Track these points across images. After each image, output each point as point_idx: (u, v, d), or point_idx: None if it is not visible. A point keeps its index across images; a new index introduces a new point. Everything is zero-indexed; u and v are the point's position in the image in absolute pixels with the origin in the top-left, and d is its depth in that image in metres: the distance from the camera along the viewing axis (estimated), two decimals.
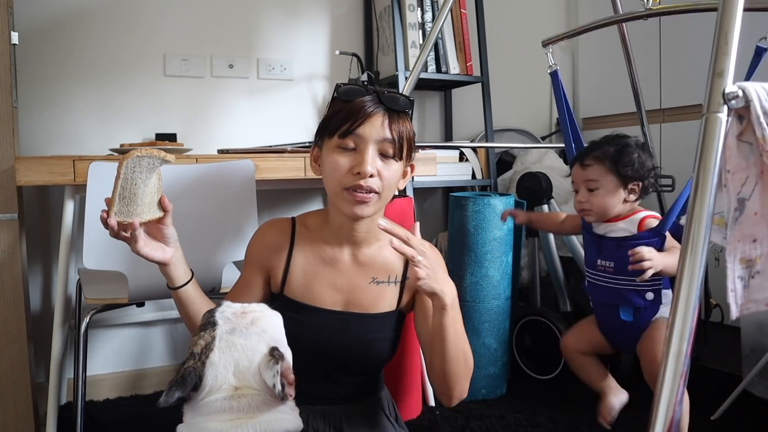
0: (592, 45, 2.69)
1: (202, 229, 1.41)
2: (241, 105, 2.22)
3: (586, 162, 1.47)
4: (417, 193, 2.42)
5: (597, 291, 1.51)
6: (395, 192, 1.10)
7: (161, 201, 1.02)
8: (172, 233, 1.05)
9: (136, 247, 1.00)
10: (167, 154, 0.97)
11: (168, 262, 1.04)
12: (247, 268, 1.17)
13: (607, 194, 1.45)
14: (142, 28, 2.08)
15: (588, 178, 1.46)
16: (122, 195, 0.96)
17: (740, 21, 0.85)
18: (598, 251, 1.49)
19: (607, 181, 1.45)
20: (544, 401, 1.88)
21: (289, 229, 1.16)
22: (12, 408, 1.48)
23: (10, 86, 1.45)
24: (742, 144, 0.89)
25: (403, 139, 1.06)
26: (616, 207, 1.46)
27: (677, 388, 0.77)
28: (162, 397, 0.77)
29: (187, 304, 1.08)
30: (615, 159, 1.44)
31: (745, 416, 1.70)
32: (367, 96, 1.05)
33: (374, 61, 2.37)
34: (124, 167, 0.95)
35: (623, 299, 1.44)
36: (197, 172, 1.39)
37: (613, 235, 1.47)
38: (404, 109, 1.08)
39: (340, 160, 1.04)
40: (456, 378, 1.07)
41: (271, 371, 0.79)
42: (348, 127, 1.03)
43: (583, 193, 1.48)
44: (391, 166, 1.06)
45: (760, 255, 0.91)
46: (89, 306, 1.44)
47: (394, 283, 1.14)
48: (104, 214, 0.97)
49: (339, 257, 1.13)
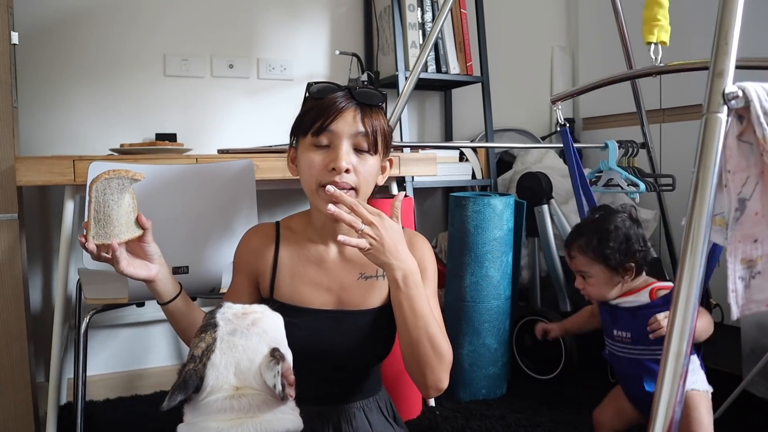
0: (592, 45, 2.69)
1: (202, 229, 1.41)
2: (242, 105, 2.22)
3: (572, 253, 1.42)
4: (417, 193, 2.42)
5: (618, 361, 1.45)
6: (373, 187, 1.10)
7: (138, 219, 1.02)
8: (154, 250, 1.05)
9: (119, 267, 1.00)
10: (136, 173, 0.97)
11: (154, 279, 1.04)
12: (236, 275, 1.17)
13: (600, 283, 1.40)
14: (142, 28, 2.08)
15: (577, 268, 1.42)
16: (97, 218, 0.97)
17: (740, 21, 0.85)
18: (613, 321, 1.43)
19: (597, 270, 1.39)
20: (544, 401, 1.88)
21: (273, 233, 1.16)
22: (12, 408, 1.48)
23: (10, 86, 1.45)
24: (743, 144, 0.89)
25: (377, 133, 1.06)
26: (614, 291, 1.40)
27: (677, 388, 0.77)
28: (165, 401, 0.77)
29: (178, 317, 1.08)
30: (597, 249, 1.38)
31: (745, 416, 1.70)
32: (338, 92, 1.06)
33: (374, 61, 2.37)
34: (94, 190, 0.95)
35: (645, 369, 1.37)
36: (197, 172, 1.39)
37: (626, 305, 1.41)
38: (377, 103, 1.08)
39: (314, 158, 1.04)
40: (424, 364, 1.03)
41: (271, 371, 0.79)
42: (321, 124, 1.03)
43: (579, 280, 1.44)
44: (367, 160, 1.05)
45: (761, 255, 0.91)
46: (89, 306, 1.44)
47: (382, 276, 1.13)
48: (82, 238, 0.97)
49: (325, 256, 1.13)
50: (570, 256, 1.44)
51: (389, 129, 1.11)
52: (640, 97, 2.12)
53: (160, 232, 1.39)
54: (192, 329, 1.04)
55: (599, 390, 1.72)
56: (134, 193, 1.02)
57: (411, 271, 1.01)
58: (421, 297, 1.02)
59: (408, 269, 1.01)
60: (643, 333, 1.32)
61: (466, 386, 1.92)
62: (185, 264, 1.42)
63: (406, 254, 1.02)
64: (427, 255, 1.15)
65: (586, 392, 1.88)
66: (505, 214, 1.90)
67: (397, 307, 1.03)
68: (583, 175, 1.73)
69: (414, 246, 1.13)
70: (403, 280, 1.00)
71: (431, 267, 1.15)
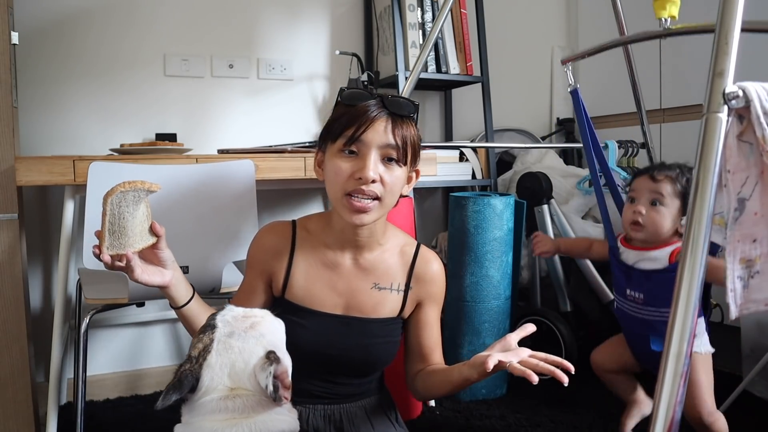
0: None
1: (202, 229, 1.41)
2: (241, 105, 2.22)
3: (659, 177, 1.44)
4: (417, 193, 2.42)
5: (627, 319, 1.48)
6: (398, 197, 1.09)
7: (152, 227, 1.01)
8: (168, 256, 1.05)
9: (133, 276, 0.99)
10: (152, 184, 0.96)
11: (168, 285, 1.04)
12: (249, 272, 1.17)
13: (668, 215, 1.42)
14: (142, 28, 2.08)
15: (658, 191, 1.43)
16: (111, 230, 0.96)
17: (740, 21, 0.85)
18: (627, 281, 1.46)
19: (674, 204, 1.42)
20: (544, 401, 1.88)
21: (289, 233, 1.16)
22: (12, 408, 1.48)
23: (10, 86, 1.45)
24: (743, 144, 0.89)
25: (407, 144, 1.05)
26: (668, 231, 1.42)
27: (677, 388, 0.77)
28: (159, 400, 0.78)
29: (192, 320, 1.08)
30: (686, 186, 1.42)
31: (745, 416, 1.70)
32: (370, 100, 1.04)
33: (374, 61, 2.38)
34: (110, 204, 0.94)
35: (654, 330, 1.41)
36: (197, 172, 1.39)
37: (643, 266, 1.43)
38: (408, 114, 1.07)
39: (342, 165, 1.03)
40: (437, 396, 1.14)
41: (264, 372, 0.80)
42: (351, 133, 1.02)
43: (645, 204, 1.44)
44: (394, 171, 1.04)
45: (760, 255, 0.92)
46: (89, 306, 1.44)
47: (396, 291, 1.14)
48: (96, 249, 0.97)
49: (340, 261, 1.13)
50: (655, 178, 1.44)
51: (419, 139, 1.09)
52: (640, 97, 2.12)
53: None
54: None
55: (599, 390, 1.72)
56: (149, 202, 1.01)
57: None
58: None
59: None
60: (655, 295, 1.37)
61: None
62: (185, 264, 1.42)
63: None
64: (442, 274, 1.19)
65: (586, 392, 1.88)
66: (505, 214, 1.90)
67: (462, 384, 1.06)
68: (596, 142, 1.69)
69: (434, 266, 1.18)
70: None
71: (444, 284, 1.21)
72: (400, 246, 1.17)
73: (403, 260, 1.16)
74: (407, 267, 1.15)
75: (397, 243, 1.17)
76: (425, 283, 1.16)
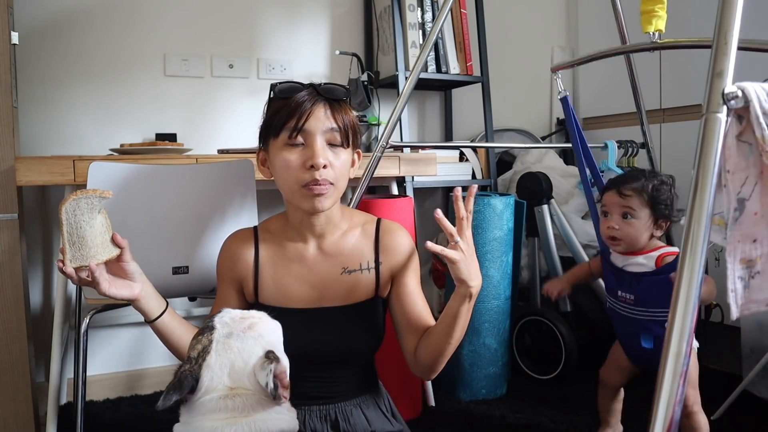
0: (592, 45, 2.69)
1: (202, 229, 1.41)
2: (241, 105, 2.22)
3: (626, 192, 1.49)
4: (417, 193, 2.42)
5: (618, 318, 1.55)
6: (347, 181, 1.11)
7: (114, 238, 1.01)
8: (135, 268, 1.04)
9: (100, 289, 0.99)
10: (104, 191, 0.97)
11: (137, 297, 1.03)
12: (220, 284, 1.17)
13: (640, 226, 1.48)
14: (142, 28, 2.08)
15: (627, 204, 1.49)
16: (71, 240, 0.96)
17: (740, 21, 0.85)
18: (618, 282, 1.53)
19: (644, 214, 1.48)
20: (544, 401, 1.88)
21: (251, 237, 1.16)
22: (12, 408, 1.48)
23: (10, 86, 1.45)
24: (742, 144, 0.89)
25: (348, 127, 1.08)
26: (644, 240, 1.49)
27: (677, 388, 0.77)
28: (160, 401, 0.78)
29: (166, 334, 1.07)
30: (653, 195, 1.48)
31: (745, 416, 1.70)
32: (304, 90, 1.06)
33: (374, 61, 2.38)
34: (64, 212, 0.94)
35: (644, 329, 1.48)
36: (197, 172, 1.39)
37: (632, 269, 1.50)
38: (343, 98, 1.09)
39: (290, 158, 1.04)
40: (446, 358, 1.09)
41: (264, 371, 0.80)
42: (294, 123, 1.03)
43: (617, 219, 1.50)
44: (340, 155, 1.07)
45: (760, 255, 0.92)
46: (89, 306, 1.44)
47: (367, 270, 1.14)
48: (59, 263, 0.96)
49: (304, 252, 1.13)
50: (622, 193, 1.49)
51: (357, 122, 1.12)
52: (640, 97, 2.12)
53: (160, 232, 1.40)
54: (184, 345, 1.04)
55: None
56: (106, 212, 1.01)
57: (479, 288, 1.05)
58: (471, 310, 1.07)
59: (479, 286, 1.04)
60: (645, 297, 1.44)
61: (466, 386, 1.92)
62: (185, 264, 1.42)
63: (479, 272, 1.05)
64: (410, 241, 1.19)
65: (586, 392, 1.87)
66: (505, 214, 1.90)
67: (455, 316, 1.05)
68: (586, 147, 1.74)
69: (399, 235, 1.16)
70: (474, 295, 1.04)
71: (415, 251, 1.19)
72: (361, 225, 1.17)
73: (367, 237, 1.16)
74: (372, 242, 1.15)
75: (356, 222, 1.18)
76: (394, 253, 1.16)
